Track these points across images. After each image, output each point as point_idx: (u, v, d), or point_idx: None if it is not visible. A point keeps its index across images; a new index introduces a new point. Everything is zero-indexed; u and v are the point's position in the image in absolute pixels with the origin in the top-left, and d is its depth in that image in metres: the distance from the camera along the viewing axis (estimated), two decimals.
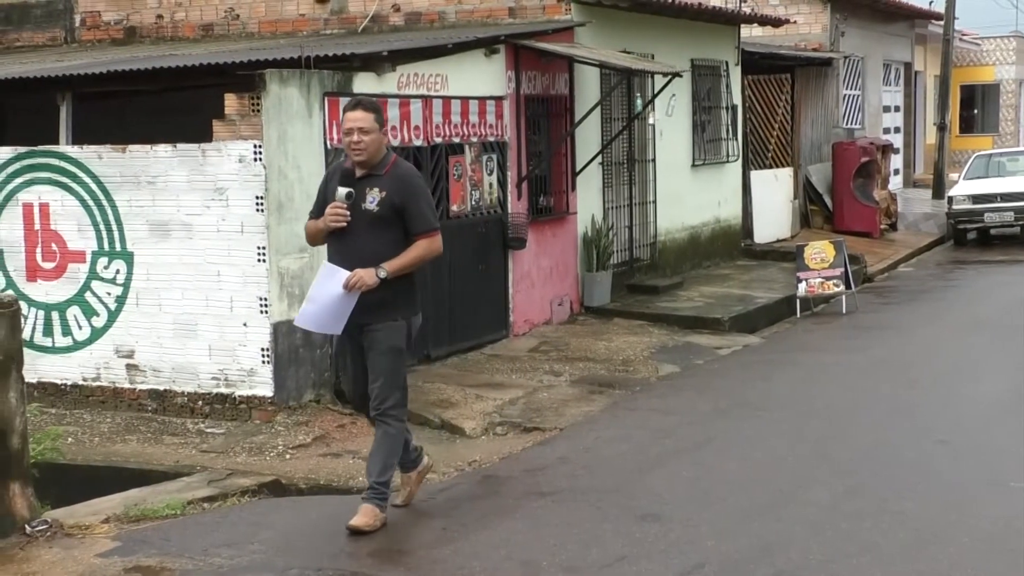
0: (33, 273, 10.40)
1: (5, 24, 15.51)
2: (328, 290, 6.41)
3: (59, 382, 10.28)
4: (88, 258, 10.19)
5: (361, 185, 6.46)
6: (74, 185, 10.19)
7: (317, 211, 6.72)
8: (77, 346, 10.29)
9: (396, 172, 6.54)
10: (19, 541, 6.08)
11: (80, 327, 10.26)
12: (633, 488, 7.57)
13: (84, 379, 10.28)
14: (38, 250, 10.39)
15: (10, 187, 10.41)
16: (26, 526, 6.16)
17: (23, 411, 6.26)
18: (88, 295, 10.21)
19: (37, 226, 10.35)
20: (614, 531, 6.63)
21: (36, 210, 10.35)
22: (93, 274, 10.18)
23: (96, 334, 10.20)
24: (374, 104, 6.58)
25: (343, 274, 6.36)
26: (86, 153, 10.20)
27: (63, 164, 10.24)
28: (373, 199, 6.43)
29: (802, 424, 9.33)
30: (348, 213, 6.40)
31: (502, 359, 11.72)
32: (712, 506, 7.13)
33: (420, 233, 6.50)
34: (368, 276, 6.35)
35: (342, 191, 6.42)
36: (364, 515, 6.49)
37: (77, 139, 11.22)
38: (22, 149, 10.46)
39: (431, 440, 9.21)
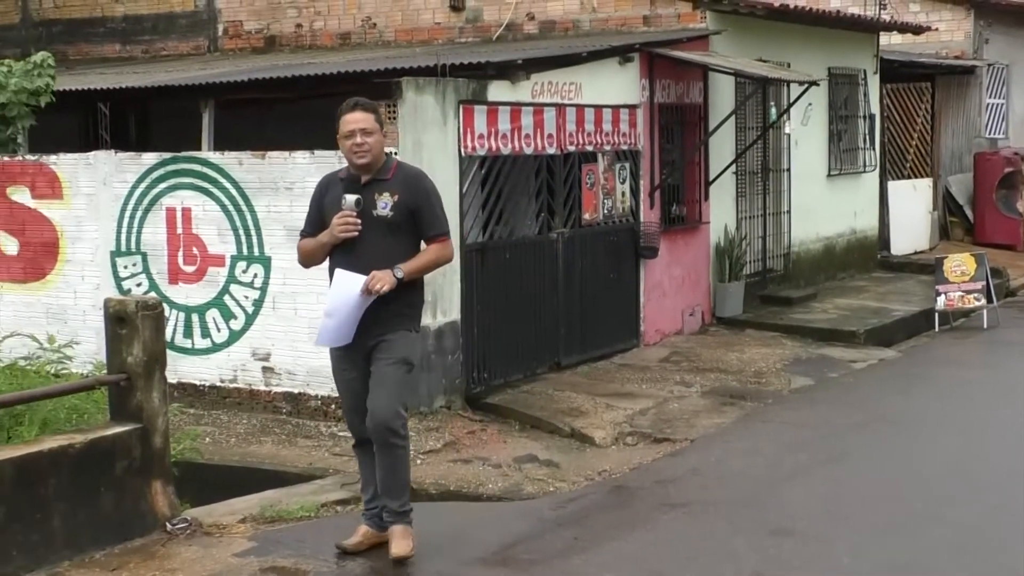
0: (175, 276, 10.65)
1: (152, 33, 15.94)
2: (346, 299, 5.92)
3: (198, 383, 10.51)
4: (227, 262, 10.40)
5: (368, 191, 6.00)
6: (215, 190, 10.41)
7: (311, 227, 6.21)
8: (215, 348, 10.50)
9: (405, 174, 6.15)
10: (160, 538, 6.23)
11: (219, 330, 10.48)
12: (766, 502, 7.46)
13: (222, 380, 10.50)
14: (180, 254, 10.63)
15: (155, 192, 10.68)
16: (167, 524, 6.31)
17: (165, 411, 6.41)
18: (227, 298, 10.43)
19: (179, 230, 10.60)
20: (747, 545, 6.54)
21: (179, 214, 10.59)
22: (232, 278, 10.38)
23: (234, 337, 10.41)
24: (372, 104, 6.17)
25: (360, 279, 5.88)
26: (227, 159, 10.41)
27: (205, 170, 10.47)
28: (385, 204, 5.98)
29: (940, 440, 9.10)
30: (359, 221, 5.93)
31: (632, 368, 11.66)
32: (847, 522, 6.99)
33: (434, 237, 6.11)
34: (388, 276, 5.88)
35: (350, 198, 5.93)
36: (400, 540, 6.12)
37: (218, 145, 11.49)
38: (166, 155, 10.72)
39: (561, 448, 9.20)
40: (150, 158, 10.81)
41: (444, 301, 10.08)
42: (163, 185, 10.66)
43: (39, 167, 11.18)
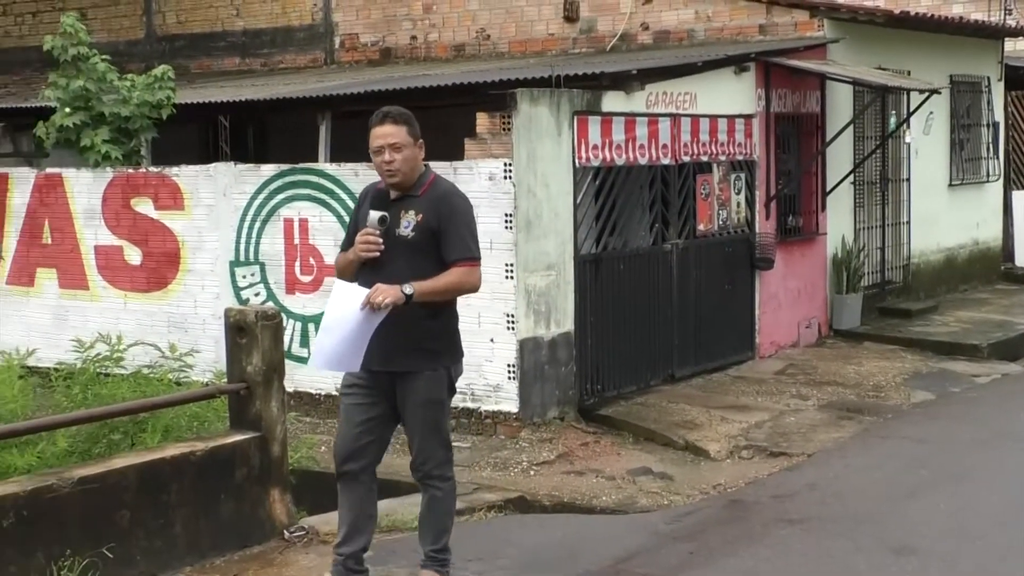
0: (292, 286, 10.79)
1: (270, 47, 16.21)
2: (344, 313, 5.29)
3: (314, 392, 10.62)
4: None
5: (396, 208, 5.48)
6: (331, 201, 10.53)
7: (349, 241, 5.72)
8: None
9: (435, 192, 5.56)
10: (278, 546, 6.30)
11: None
12: (887, 519, 7.30)
13: (337, 390, 10.55)
14: (297, 264, 10.77)
15: (273, 203, 10.83)
16: (284, 531, 6.39)
17: (283, 420, 6.49)
18: None
19: (296, 240, 10.74)
20: (868, 564, 6.40)
21: (296, 225, 10.73)
22: None
23: None
24: (405, 115, 5.59)
25: (361, 292, 5.30)
26: (343, 171, 10.52)
27: (322, 181, 10.59)
28: (408, 224, 5.45)
29: None
30: (381, 241, 5.40)
31: (747, 381, 11.51)
32: (972, 542, 6.80)
33: (456, 261, 5.45)
34: (392, 292, 5.25)
35: (374, 215, 5.42)
36: None
37: (334, 157, 11.63)
38: (284, 167, 10.87)
39: (675, 461, 9.13)
40: (268, 170, 10.97)
41: (557, 312, 10.06)
42: (281, 196, 10.81)
43: (162, 179, 11.42)
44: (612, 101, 10.58)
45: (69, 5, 16.91)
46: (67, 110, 11.52)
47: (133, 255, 11.63)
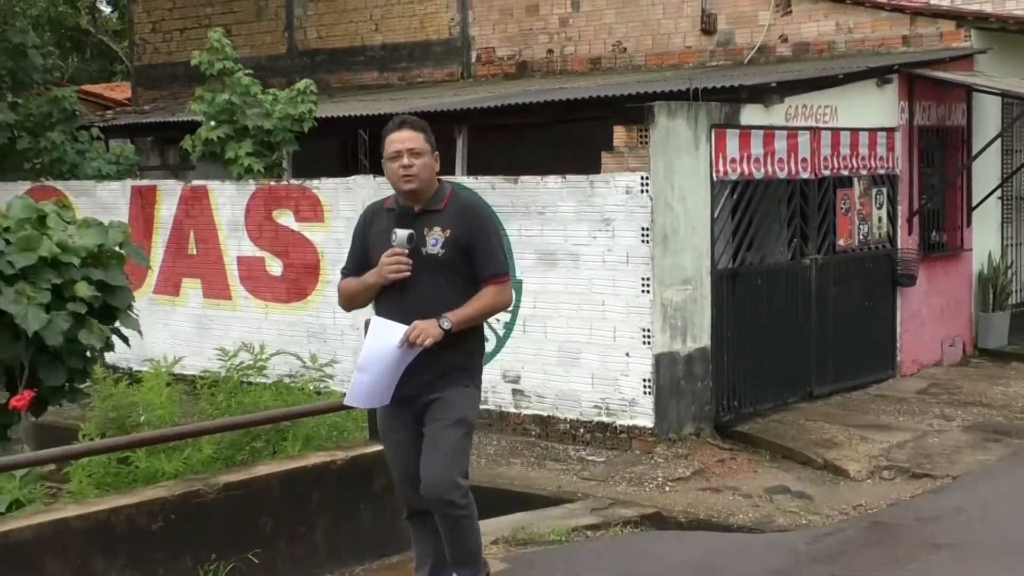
0: None
1: (408, 61, 16.40)
2: (383, 352, 5.04)
3: None
4: None
5: (419, 225, 5.11)
6: None
7: (354, 265, 5.34)
8: None
9: (458, 204, 5.18)
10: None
11: None
12: None
13: None
14: None
15: None
16: None
17: None
18: None
19: None
20: None
21: None
22: None
23: (486, 358, 10.47)
24: (422, 123, 5.27)
25: (399, 328, 5.00)
26: (480, 183, 10.57)
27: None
28: (436, 240, 5.07)
29: None
30: (411, 261, 5.05)
31: (888, 400, 11.26)
32: None
33: (489, 278, 5.13)
34: (432, 328, 4.98)
35: (402, 234, 5.03)
36: None
37: (470, 170, 11.70)
38: None
39: (813, 480, 8.97)
40: None
41: (694, 327, 9.97)
42: None
43: (302, 191, 11.63)
44: (751, 114, 10.47)
45: (215, 22, 17.34)
46: (212, 123, 11.81)
47: (274, 266, 11.85)
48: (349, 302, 5.39)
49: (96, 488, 6.55)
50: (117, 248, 7.58)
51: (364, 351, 5.09)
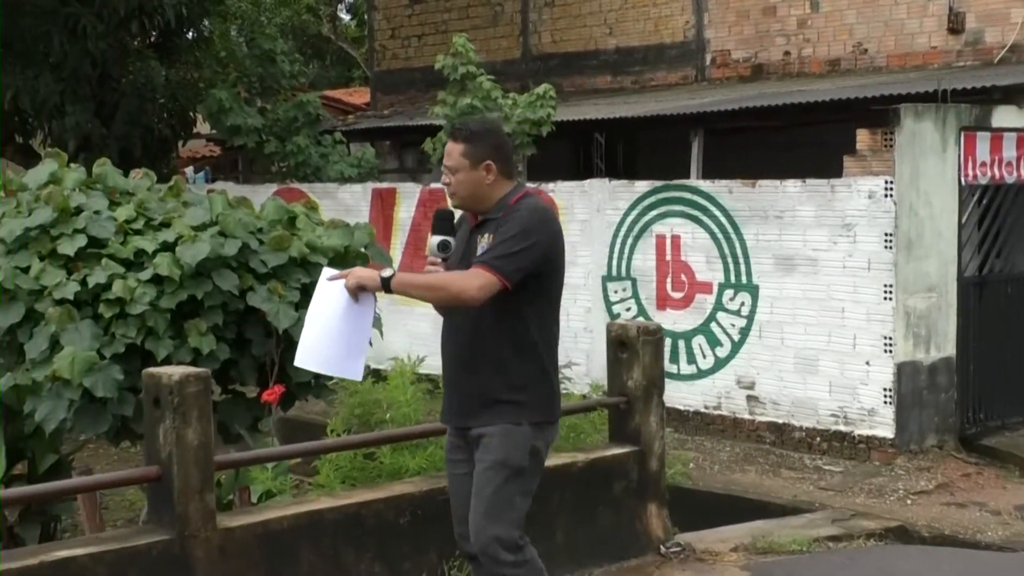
0: (663, 302, 10.85)
1: (641, 64, 16.37)
2: (324, 305, 4.50)
3: (682, 408, 10.63)
4: (715, 289, 10.47)
5: (475, 234, 4.65)
6: (704, 218, 10.51)
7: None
8: (700, 375, 10.59)
9: (513, 210, 4.55)
10: (654, 560, 6.31)
11: (704, 356, 10.56)
12: None
13: (706, 407, 10.57)
14: (668, 280, 10.82)
15: (646, 219, 10.93)
16: (661, 546, 6.39)
17: (662, 435, 6.51)
18: (713, 325, 10.49)
19: (668, 257, 10.79)
20: None
21: (668, 241, 10.79)
22: (719, 305, 10.44)
23: (719, 364, 10.45)
24: (466, 131, 4.63)
25: (340, 280, 4.48)
26: (717, 187, 10.49)
27: (695, 198, 10.60)
28: (482, 248, 4.54)
29: None
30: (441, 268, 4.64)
31: None
32: None
33: (480, 263, 4.42)
34: (366, 274, 4.47)
35: (434, 241, 4.66)
36: None
37: (705, 173, 11.61)
38: (658, 183, 10.95)
39: None
40: (642, 186, 11.08)
41: (938, 336, 9.65)
42: (654, 212, 10.89)
43: (539, 194, 11.71)
44: (1003, 116, 10.07)
45: (452, 28, 17.69)
46: None
47: None
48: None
49: (341, 482, 6.78)
50: (362, 249, 7.82)
51: (310, 306, 4.60)
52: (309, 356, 4.53)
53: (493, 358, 4.51)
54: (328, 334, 4.47)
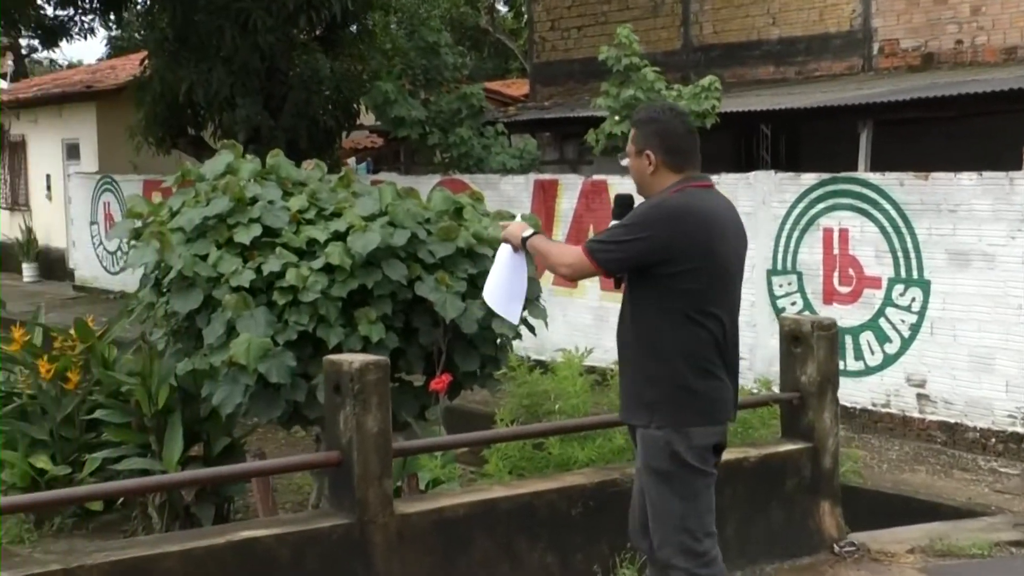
0: (829, 297, 10.63)
1: (805, 55, 16.08)
2: (500, 251, 4.89)
3: (848, 405, 10.40)
4: (884, 284, 10.22)
5: None
6: (874, 211, 10.26)
7: None
8: (868, 371, 10.35)
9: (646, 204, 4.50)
10: (827, 559, 6.19)
11: (872, 352, 10.32)
12: None
13: (873, 404, 10.33)
14: (835, 274, 10.60)
15: (812, 212, 10.72)
16: (834, 545, 6.26)
17: (836, 432, 6.37)
18: (882, 321, 10.24)
19: (835, 251, 10.57)
20: None
21: (835, 235, 10.56)
22: (888, 301, 10.19)
23: (888, 361, 10.20)
24: (636, 118, 4.63)
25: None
26: (887, 180, 10.23)
27: (863, 190, 10.35)
28: None
29: None
30: None
31: None
32: None
33: (587, 241, 4.51)
34: (513, 230, 4.72)
35: (612, 225, 4.63)
36: None
37: (874, 165, 11.35)
38: (825, 175, 10.73)
39: None
40: (809, 178, 10.87)
41: None
42: (821, 205, 10.67)
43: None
44: None
45: (612, 19, 17.64)
46: (616, 118, 11.98)
47: None
48: None
49: (508, 472, 6.81)
50: None
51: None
52: (488, 294, 4.93)
53: (632, 358, 4.48)
54: (495, 278, 4.87)
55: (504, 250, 4.83)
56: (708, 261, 4.36)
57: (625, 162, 4.61)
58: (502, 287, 4.86)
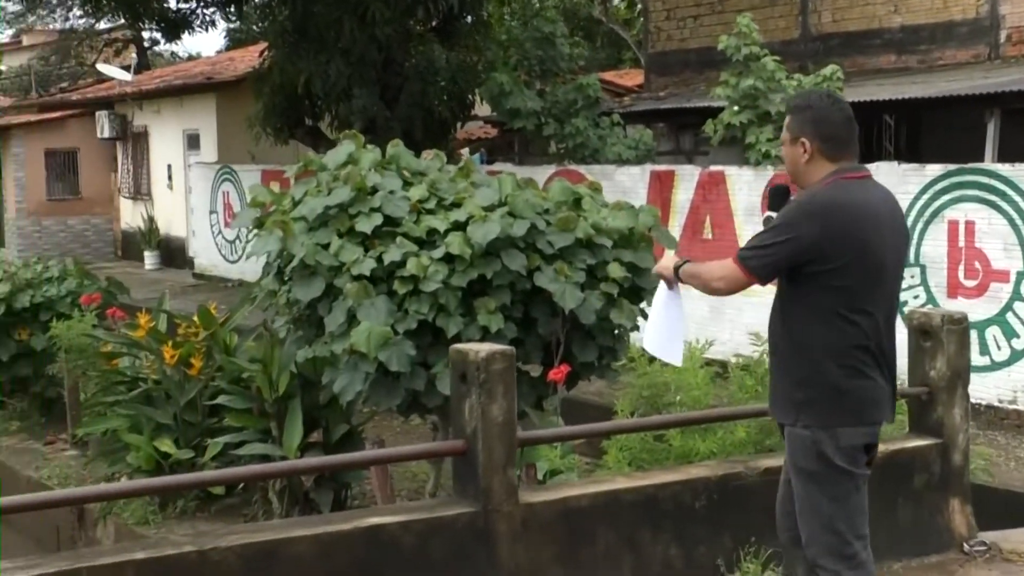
0: (954, 290, 10.39)
1: (928, 43, 15.73)
2: (657, 291, 4.81)
3: (974, 402, 10.03)
4: (1012, 278, 9.96)
5: None
6: (1002, 203, 10.00)
7: None
8: (994, 367, 10.10)
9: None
10: (956, 558, 6.05)
11: (999, 348, 10.07)
12: None
13: (999, 401, 10.08)
14: (960, 267, 10.36)
15: (937, 204, 10.49)
16: (964, 544, 6.12)
17: (966, 428, 6.22)
18: (1010, 316, 9.98)
19: (961, 243, 10.32)
20: None
21: (961, 227, 10.32)
22: (1017, 295, 9.92)
23: (1015, 356, 9.94)
24: (791, 104, 4.51)
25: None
26: (1017, 171, 9.96)
27: (992, 182, 10.10)
28: None
29: None
30: None
31: None
32: None
33: (734, 256, 4.34)
34: (665, 264, 4.64)
35: (766, 217, 4.56)
36: None
37: (1002, 156, 11.06)
38: (951, 166, 10.48)
39: None
40: (934, 169, 10.63)
41: None
42: (946, 197, 10.43)
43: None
44: None
45: (728, 8, 17.44)
46: (735, 108, 11.85)
47: None
48: None
49: (628, 463, 6.76)
50: (647, 231, 7.76)
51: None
52: (648, 342, 4.84)
53: (782, 356, 4.37)
54: (654, 321, 4.77)
55: (661, 291, 4.73)
56: (860, 257, 4.19)
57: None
58: (661, 331, 4.76)
